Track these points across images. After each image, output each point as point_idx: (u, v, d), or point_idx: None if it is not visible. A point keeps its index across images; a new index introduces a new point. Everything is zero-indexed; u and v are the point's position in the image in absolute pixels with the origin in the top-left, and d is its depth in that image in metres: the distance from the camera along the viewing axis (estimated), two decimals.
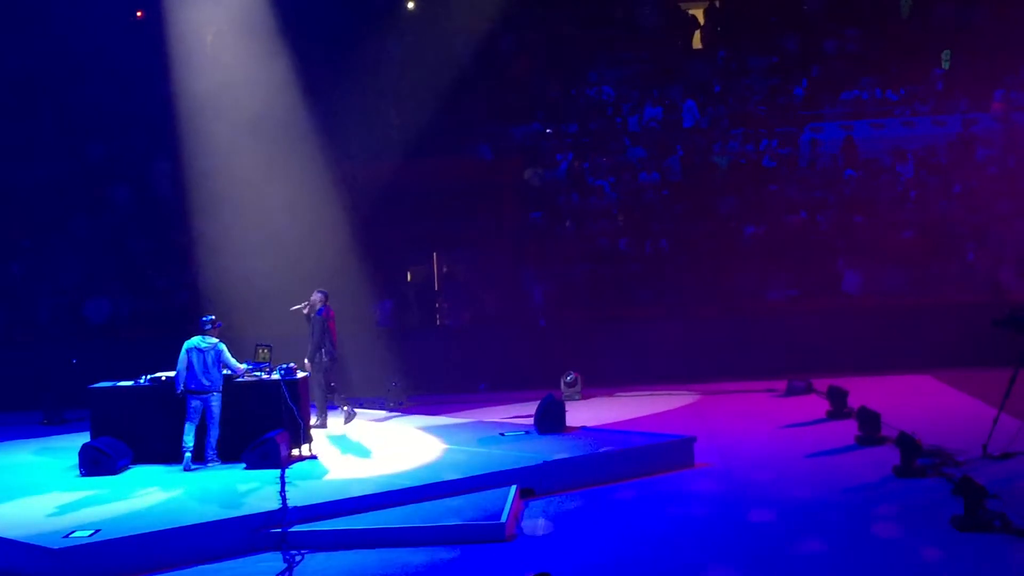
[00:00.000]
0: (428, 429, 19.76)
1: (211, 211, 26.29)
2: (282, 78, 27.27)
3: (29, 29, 29.61)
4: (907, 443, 15.62)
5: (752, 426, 19.98)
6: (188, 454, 16.45)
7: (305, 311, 19.68)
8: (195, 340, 16.65)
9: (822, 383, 21.54)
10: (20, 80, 29.99)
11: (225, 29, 28.31)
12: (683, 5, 35.20)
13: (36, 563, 12.71)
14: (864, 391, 20.62)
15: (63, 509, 14.58)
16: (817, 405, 21.10)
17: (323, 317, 19.45)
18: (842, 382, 20.70)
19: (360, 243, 26.93)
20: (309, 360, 19.29)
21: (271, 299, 23.29)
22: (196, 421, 16.56)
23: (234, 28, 27.98)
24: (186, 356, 16.53)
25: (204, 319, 16.97)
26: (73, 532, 13.13)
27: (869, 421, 17.87)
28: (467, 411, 22.56)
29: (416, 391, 24.01)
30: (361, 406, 21.77)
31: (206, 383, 16.53)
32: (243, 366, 17.16)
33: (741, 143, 30.29)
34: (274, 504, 14.13)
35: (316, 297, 19.58)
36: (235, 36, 27.98)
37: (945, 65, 31.34)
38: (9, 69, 30.00)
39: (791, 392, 22.78)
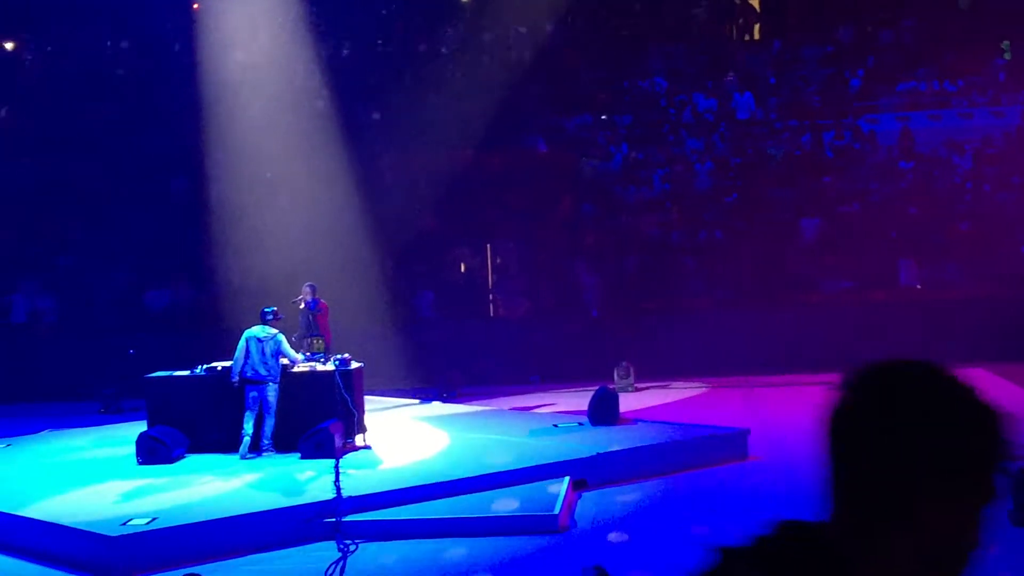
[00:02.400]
0: (481, 420, 19.80)
1: (265, 203, 26.43)
2: (335, 71, 27.40)
3: (90, 21, 29.90)
4: None
5: (806, 419, 19.70)
6: (246, 440, 16.57)
7: (300, 305, 19.24)
8: (255, 330, 16.73)
9: None
10: (79, 72, 30.27)
11: (281, 22, 28.46)
12: None
13: (94, 550, 12.82)
14: None
15: (120, 497, 14.70)
16: None
17: (312, 310, 19.11)
18: None
19: (412, 234, 27.04)
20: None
21: (323, 290, 23.42)
22: (255, 410, 16.67)
23: (290, 22, 28.13)
24: (245, 345, 16.62)
25: (265, 310, 17.03)
26: (130, 520, 13.24)
27: None
28: (520, 402, 22.59)
29: (469, 382, 24.05)
30: (414, 397, 21.83)
31: (264, 373, 16.62)
32: (300, 356, 17.26)
33: (796, 134, 30.12)
34: (328, 494, 14.20)
35: (305, 290, 19.23)
36: (290, 30, 28.14)
37: (1007, 56, 31.02)
38: (69, 61, 30.31)
39: None
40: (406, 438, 18.23)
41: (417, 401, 21.87)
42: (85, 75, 30.27)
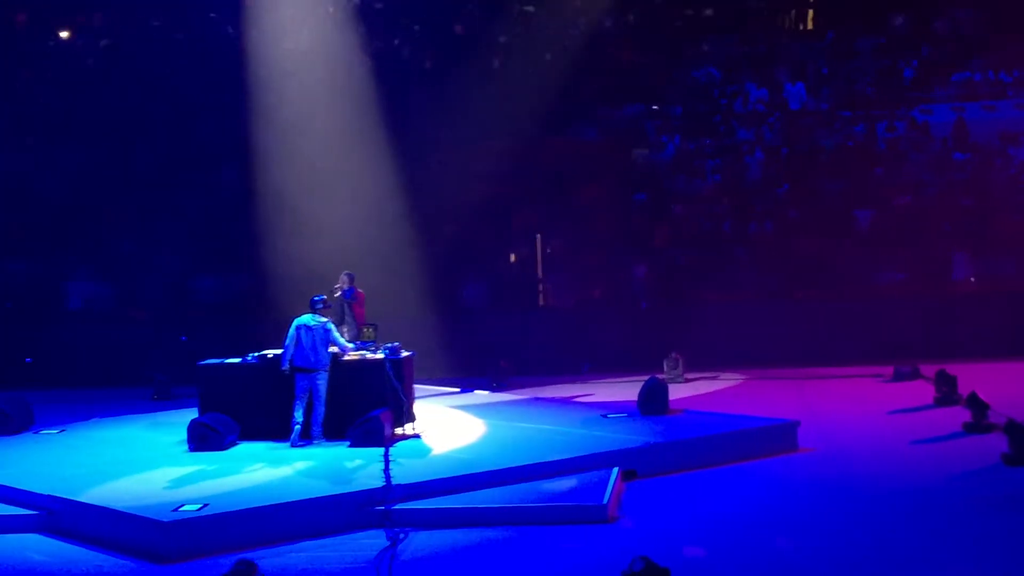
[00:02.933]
0: (530, 410, 19.81)
1: (315, 191, 26.52)
2: (386, 59, 27.44)
3: (144, 11, 30.12)
4: (1016, 431, 15.36)
5: (857, 411, 19.76)
6: (297, 428, 16.66)
7: (336, 294, 19.22)
8: (305, 318, 16.80)
9: (930, 369, 21.22)
10: (133, 61, 30.48)
11: (332, 10, 28.54)
12: None
13: (145, 535, 12.95)
14: (973, 377, 20.23)
15: (172, 483, 14.83)
16: (924, 391, 20.81)
17: (348, 299, 19.12)
18: (950, 368, 20.38)
19: (464, 224, 27.10)
20: None
21: (371, 279, 23.52)
22: (305, 398, 16.74)
23: (341, 10, 28.20)
24: (295, 333, 16.69)
25: (316, 298, 17.09)
26: (182, 506, 13.36)
27: (978, 408, 17.58)
28: (570, 392, 22.59)
29: (518, 372, 24.07)
30: (464, 387, 21.89)
31: (314, 361, 16.69)
32: (350, 345, 17.34)
33: (849, 125, 29.90)
34: (378, 482, 14.26)
35: (343, 279, 19.25)
36: (342, 18, 28.21)
37: None
38: (123, 51, 30.54)
39: (898, 377, 22.49)
40: (455, 427, 18.25)
41: (465, 390, 21.89)
42: (139, 64, 30.46)
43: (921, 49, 31.58)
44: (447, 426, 18.25)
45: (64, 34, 33.47)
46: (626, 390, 21.05)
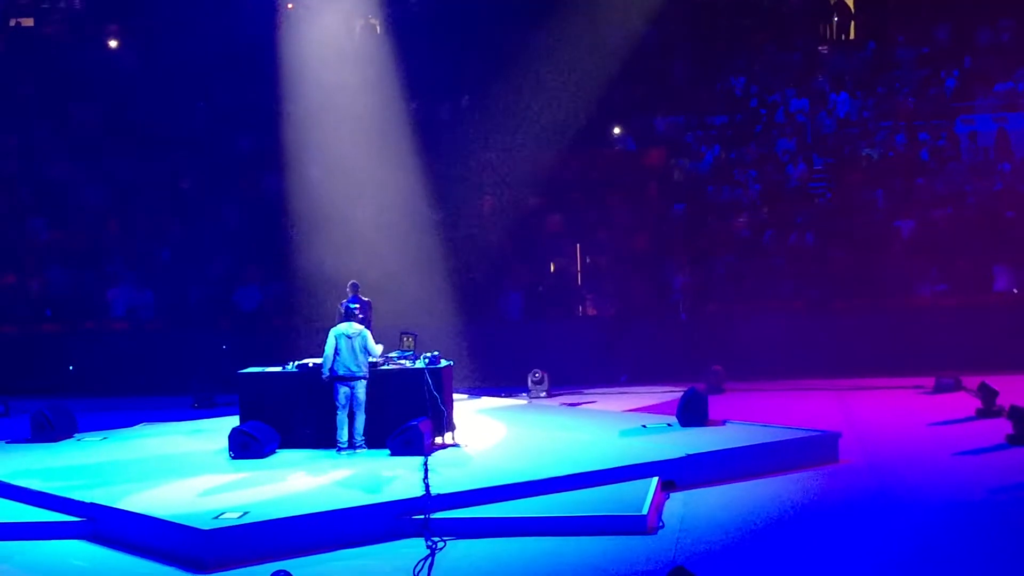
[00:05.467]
0: (569, 419, 19.82)
1: (355, 201, 26.61)
2: (426, 68, 27.50)
3: (184, 23, 30.32)
4: None
5: (898, 423, 19.65)
6: (342, 440, 16.76)
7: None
8: (343, 327, 16.89)
9: (972, 380, 21.09)
10: (175, 73, 30.69)
11: (370, 21, 28.66)
12: None
13: (186, 542, 13.00)
14: (1015, 390, 20.13)
15: (213, 491, 14.91)
16: (966, 403, 20.68)
17: (345, 308, 18.91)
18: (992, 380, 20.25)
19: (503, 233, 27.14)
20: None
21: (407, 288, 23.62)
22: (347, 407, 16.82)
23: (378, 19, 28.31)
24: (335, 342, 16.77)
25: (351, 307, 17.20)
26: (222, 514, 13.42)
27: (1021, 420, 17.46)
28: (609, 402, 22.57)
29: (558, 382, 24.07)
30: (503, 396, 21.92)
31: (355, 370, 16.76)
32: (379, 348, 17.25)
33: (890, 135, 29.76)
34: (417, 491, 14.27)
35: (348, 289, 19.18)
36: (379, 27, 28.32)
37: None
38: (165, 62, 30.76)
39: (939, 389, 22.37)
40: (495, 436, 18.27)
41: (507, 400, 21.90)
42: (184, 73, 30.67)
43: (964, 59, 31.40)
44: (487, 435, 18.27)
45: (113, 44, 33.76)
46: (666, 400, 21.03)
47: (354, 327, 16.90)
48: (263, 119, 29.10)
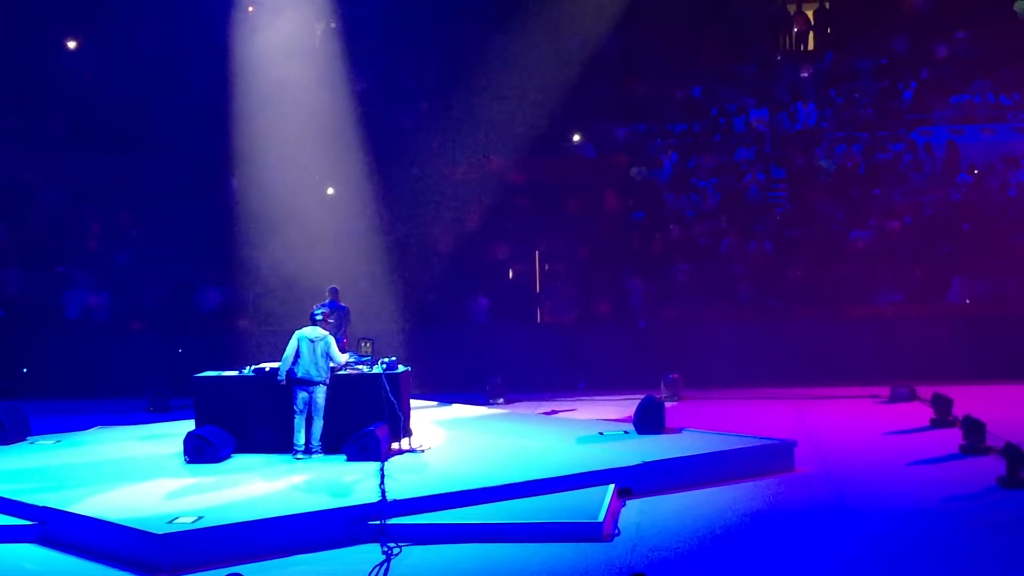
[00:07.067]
0: (527, 426, 19.80)
1: (314, 204, 26.55)
2: (382, 75, 27.46)
3: (141, 23, 30.15)
4: (1013, 453, 15.37)
5: (853, 432, 19.76)
6: (298, 445, 16.70)
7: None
8: (307, 331, 16.82)
9: (926, 390, 21.25)
10: (134, 74, 30.52)
11: (330, 25, 28.58)
12: (793, 6, 34.87)
13: (140, 547, 12.90)
14: (969, 400, 20.29)
15: (167, 496, 14.81)
16: (921, 413, 20.83)
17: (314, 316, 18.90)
18: (947, 390, 20.40)
19: (462, 240, 27.13)
20: None
21: (367, 293, 23.56)
22: (305, 411, 16.76)
23: (338, 23, 28.25)
24: (296, 345, 16.70)
25: (315, 312, 17.17)
26: (176, 518, 13.34)
27: (974, 430, 17.59)
28: (566, 409, 22.59)
29: (515, 388, 24.07)
30: (460, 402, 21.89)
31: (314, 374, 16.70)
32: (345, 357, 17.30)
33: (848, 145, 29.95)
34: (373, 497, 14.24)
35: (327, 293, 19.07)
36: (339, 31, 28.26)
37: None
38: (126, 61, 30.58)
39: (894, 399, 22.53)
40: (451, 442, 18.25)
41: (465, 407, 21.88)
42: (142, 75, 30.50)
43: (921, 71, 31.64)
44: (443, 441, 18.25)
45: (71, 44, 33.52)
46: (623, 408, 21.06)
47: (319, 331, 16.84)
48: (221, 121, 28.98)
